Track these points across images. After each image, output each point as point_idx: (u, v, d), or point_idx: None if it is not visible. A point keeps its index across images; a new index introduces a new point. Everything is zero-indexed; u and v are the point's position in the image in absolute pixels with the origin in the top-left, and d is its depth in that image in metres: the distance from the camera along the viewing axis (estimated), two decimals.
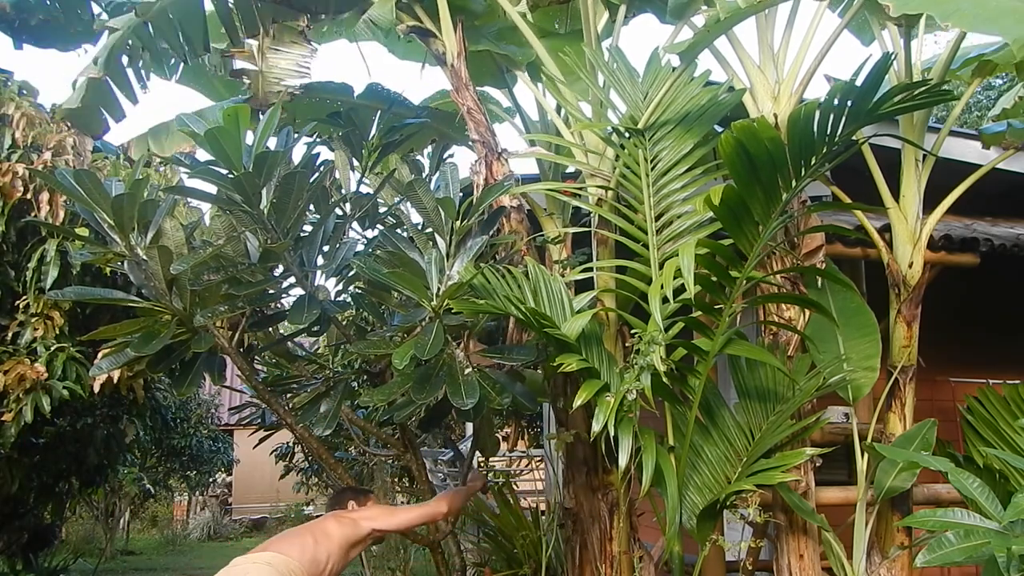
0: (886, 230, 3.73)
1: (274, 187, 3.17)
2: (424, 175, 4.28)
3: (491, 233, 3.39)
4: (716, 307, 2.98)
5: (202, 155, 3.32)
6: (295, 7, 4.05)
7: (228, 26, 4.18)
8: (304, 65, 4.34)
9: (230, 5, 4.16)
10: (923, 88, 2.82)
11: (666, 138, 3.44)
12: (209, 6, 4.26)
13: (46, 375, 4.66)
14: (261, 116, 3.24)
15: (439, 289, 3.07)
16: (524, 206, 3.82)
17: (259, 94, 4.17)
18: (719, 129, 3.45)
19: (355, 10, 4.07)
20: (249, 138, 3.13)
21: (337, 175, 4.10)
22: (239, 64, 4.20)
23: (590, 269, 3.56)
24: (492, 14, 4.32)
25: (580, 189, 3.69)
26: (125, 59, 4.29)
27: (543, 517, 4.41)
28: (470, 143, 3.83)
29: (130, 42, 4.11)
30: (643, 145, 3.44)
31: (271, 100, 4.09)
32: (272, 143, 3.34)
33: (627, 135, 3.51)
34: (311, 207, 3.61)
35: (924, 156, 3.67)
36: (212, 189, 3.21)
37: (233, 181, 3.01)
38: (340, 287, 3.92)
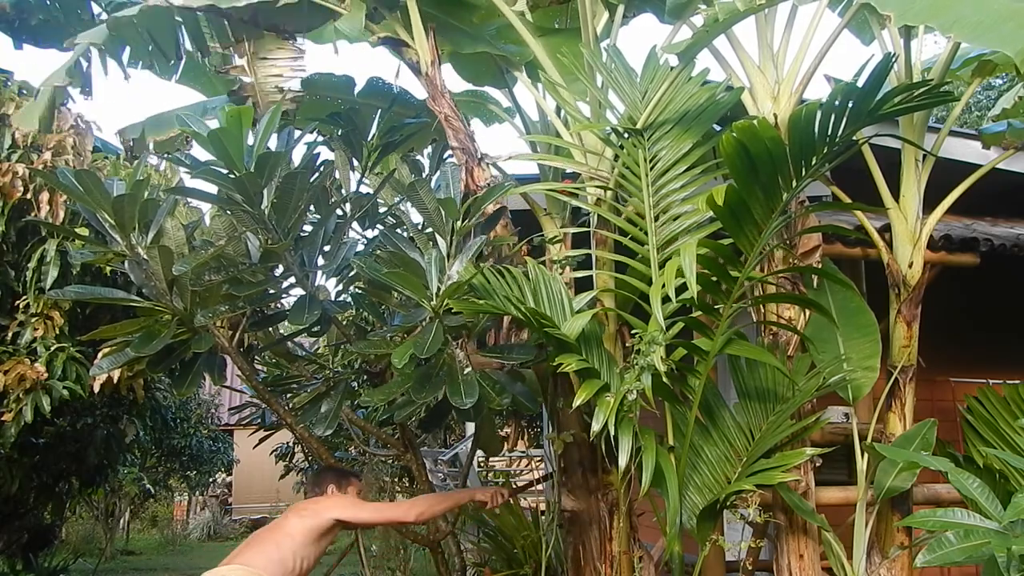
0: (886, 230, 3.73)
1: (275, 187, 3.17)
2: (424, 175, 4.28)
3: (490, 234, 3.39)
4: (716, 307, 2.98)
5: (201, 152, 3.32)
6: (261, 27, 3.99)
7: (196, 39, 4.14)
8: (297, 68, 4.32)
9: (200, 22, 4.10)
10: (924, 89, 2.82)
11: (665, 138, 3.44)
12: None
13: (46, 375, 4.65)
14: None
15: (439, 289, 3.06)
16: (507, 209, 3.80)
17: (259, 102, 4.15)
18: (718, 129, 3.46)
19: (326, 23, 3.98)
20: (250, 138, 3.13)
21: (337, 175, 4.10)
22: (233, 76, 4.18)
23: (590, 269, 3.56)
24: (491, 13, 4.31)
25: (579, 189, 3.69)
26: (85, 64, 4.20)
27: (543, 517, 4.42)
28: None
29: (99, 48, 4.05)
30: (642, 145, 3.44)
31: (271, 104, 4.06)
32: (273, 143, 3.34)
33: (626, 135, 3.51)
34: (311, 207, 3.61)
35: (924, 156, 3.67)
36: (213, 189, 3.21)
37: (235, 181, 3.02)
38: (340, 287, 3.93)
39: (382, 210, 4.31)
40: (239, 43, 4.10)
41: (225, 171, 3.05)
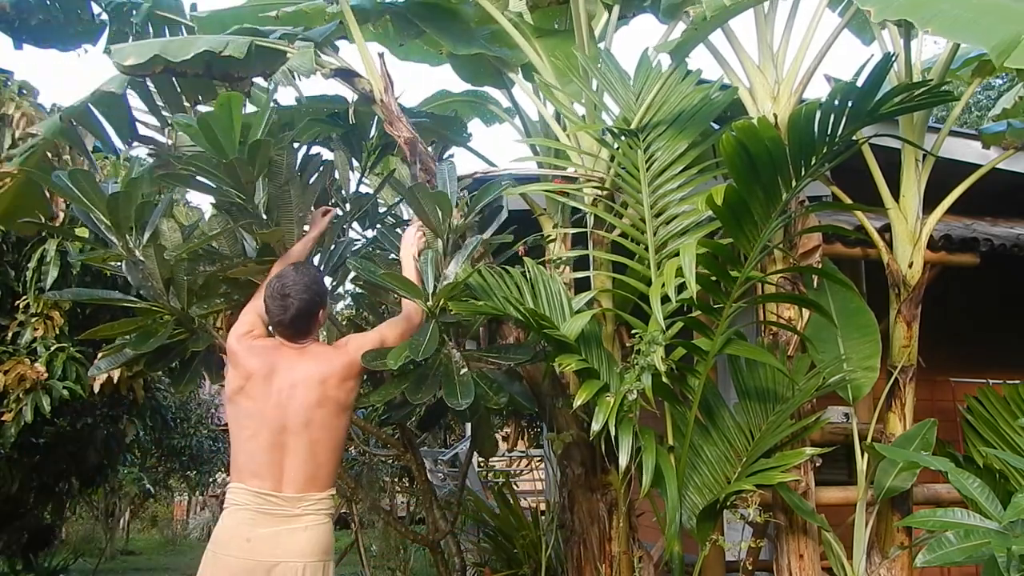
0: (886, 230, 3.73)
1: (269, 181, 3.14)
2: None
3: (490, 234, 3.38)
4: (716, 307, 2.98)
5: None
6: (216, 78, 3.94)
7: (151, 108, 4.11)
8: None
9: (150, 89, 4.07)
10: (924, 89, 2.82)
11: (660, 138, 3.43)
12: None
13: (46, 375, 4.66)
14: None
15: (435, 289, 3.05)
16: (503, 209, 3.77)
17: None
18: (717, 128, 3.46)
19: (278, 65, 3.93)
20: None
21: (337, 175, 4.09)
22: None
23: (588, 269, 3.55)
24: (486, 18, 4.30)
25: (576, 189, 3.68)
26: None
27: (543, 517, 4.41)
28: (466, 146, 3.76)
29: (56, 143, 4.06)
30: (638, 146, 3.44)
31: None
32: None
33: (621, 136, 3.51)
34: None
35: (924, 156, 3.66)
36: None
37: (225, 168, 2.95)
38: (338, 286, 3.92)
39: (382, 210, 4.31)
40: (192, 104, 4.07)
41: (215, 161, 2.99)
